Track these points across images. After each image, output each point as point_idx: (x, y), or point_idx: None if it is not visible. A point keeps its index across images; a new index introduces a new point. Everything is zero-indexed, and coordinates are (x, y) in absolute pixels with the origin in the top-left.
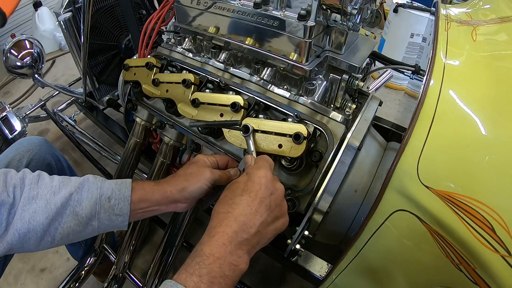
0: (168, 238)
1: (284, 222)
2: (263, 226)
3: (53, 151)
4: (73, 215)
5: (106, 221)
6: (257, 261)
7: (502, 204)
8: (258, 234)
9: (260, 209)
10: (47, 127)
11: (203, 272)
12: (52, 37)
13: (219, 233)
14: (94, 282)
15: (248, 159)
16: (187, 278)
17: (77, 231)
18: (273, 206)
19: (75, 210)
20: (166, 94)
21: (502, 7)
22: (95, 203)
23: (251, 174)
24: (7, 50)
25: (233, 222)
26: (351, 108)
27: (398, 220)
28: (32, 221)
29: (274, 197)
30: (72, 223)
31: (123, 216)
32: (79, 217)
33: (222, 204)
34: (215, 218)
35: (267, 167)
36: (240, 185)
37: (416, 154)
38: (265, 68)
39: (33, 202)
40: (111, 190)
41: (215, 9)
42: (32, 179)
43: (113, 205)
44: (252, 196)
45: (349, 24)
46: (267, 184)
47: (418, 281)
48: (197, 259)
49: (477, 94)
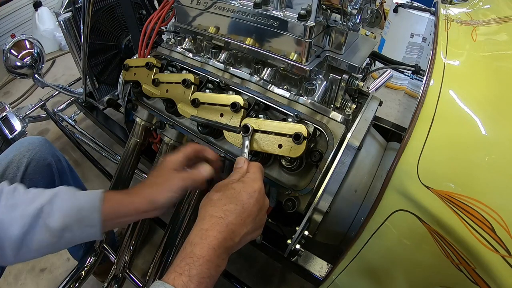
0: (168, 238)
1: (258, 233)
2: (244, 236)
3: (54, 151)
4: (45, 227)
5: (79, 232)
6: (257, 261)
7: (502, 204)
8: (239, 242)
9: (247, 221)
10: (47, 127)
11: (193, 273)
12: (52, 37)
13: (210, 237)
14: (94, 282)
15: (241, 160)
16: (176, 278)
17: (52, 243)
18: (257, 219)
19: (46, 222)
20: (166, 94)
21: (502, 7)
22: (66, 215)
23: (246, 185)
24: (7, 50)
25: (224, 229)
26: (351, 108)
27: (398, 220)
28: (9, 230)
29: (261, 212)
30: (46, 235)
31: (95, 227)
32: (52, 229)
33: (215, 207)
34: (207, 221)
35: (261, 179)
36: (235, 193)
37: (416, 154)
38: (265, 68)
39: (10, 211)
40: (82, 202)
41: (215, 9)
42: (9, 190)
43: (84, 217)
44: (245, 208)
45: (349, 24)
46: (259, 199)
47: (418, 281)
48: (187, 260)
49: (477, 94)
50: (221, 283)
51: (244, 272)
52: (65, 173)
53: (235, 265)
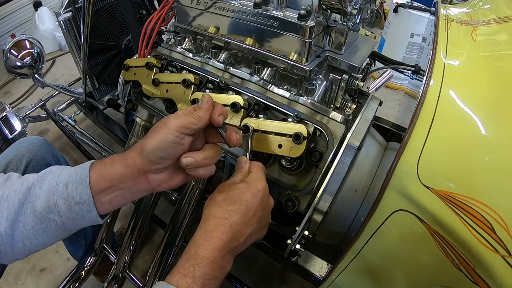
0: (168, 238)
1: (264, 233)
2: (249, 236)
3: (53, 151)
4: (32, 212)
5: (68, 213)
6: (257, 261)
7: (502, 204)
8: (245, 242)
9: (252, 221)
10: (47, 127)
11: (197, 274)
12: (52, 37)
13: (214, 238)
14: (94, 282)
15: (243, 160)
16: (180, 279)
17: (40, 230)
18: (262, 219)
19: (34, 205)
20: (166, 94)
21: (502, 7)
22: (51, 192)
23: (250, 185)
24: (7, 50)
25: (228, 229)
26: (351, 108)
27: (398, 220)
28: None
29: (266, 211)
30: (32, 222)
31: (86, 204)
32: (37, 212)
33: (219, 208)
34: (211, 222)
35: (264, 178)
36: (239, 193)
37: (416, 154)
38: (265, 68)
39: None
40: (68, 175)
41: (215, 9)
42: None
43: (71, 192)
44: (249, 207)
45: (349, 24)
46: (263, 199)
47: (418, 281)
48: (191, 261)
49: (477, 94)
50: (221, 283)
51: (244, 272)
52: None
53: (235, 265)
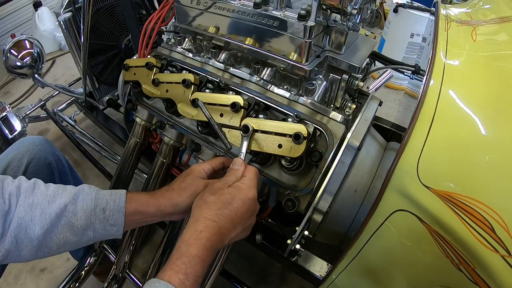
0: (168, 238)
1: (246, 234)
2: (233, 238)
3: (54, 150)
4: (69, 225)
5: (101, 230)
6: (257, 261)
7: (502, 204)
8: (228, 243)
9: (238, 226)
10: (47, 127)
11: (189, 271)
12: (52, 37)
13: (204, 238)
14: (94, 282)
15: (239, 162)
16: (172, 276)
17: (73, 241)
18: (247, 224)
19: (71, 221)
20: (166, 94)
21: (502, 7)
22: (90, 214)
23: (242, 192)
24: (7, 50)
25: (216, 231)
26: (351, 108)
27: (398, 220)
28: (28, 229)
29: (252, 218)
30: (67, 234)
31: (118, 226)
32: (75, 227)
33: (209, 210)
34: (201, 222)
35: (256, 186)
36: (230, 198)
37: (416, 154)
38: (265, 68)
39: (29, 210)
40: (106, 201)
41: (215, 9)
42: (27, 187)
43: (108, 216)
44: (238, 214)
45: (349, 24)
46: (251, 206)
47: (418, 281)
48: (183, 258)
49: (477, 94)
50: (221, 283)
51: (244, 272)
52: (65, 172)
53: (235, 265)
